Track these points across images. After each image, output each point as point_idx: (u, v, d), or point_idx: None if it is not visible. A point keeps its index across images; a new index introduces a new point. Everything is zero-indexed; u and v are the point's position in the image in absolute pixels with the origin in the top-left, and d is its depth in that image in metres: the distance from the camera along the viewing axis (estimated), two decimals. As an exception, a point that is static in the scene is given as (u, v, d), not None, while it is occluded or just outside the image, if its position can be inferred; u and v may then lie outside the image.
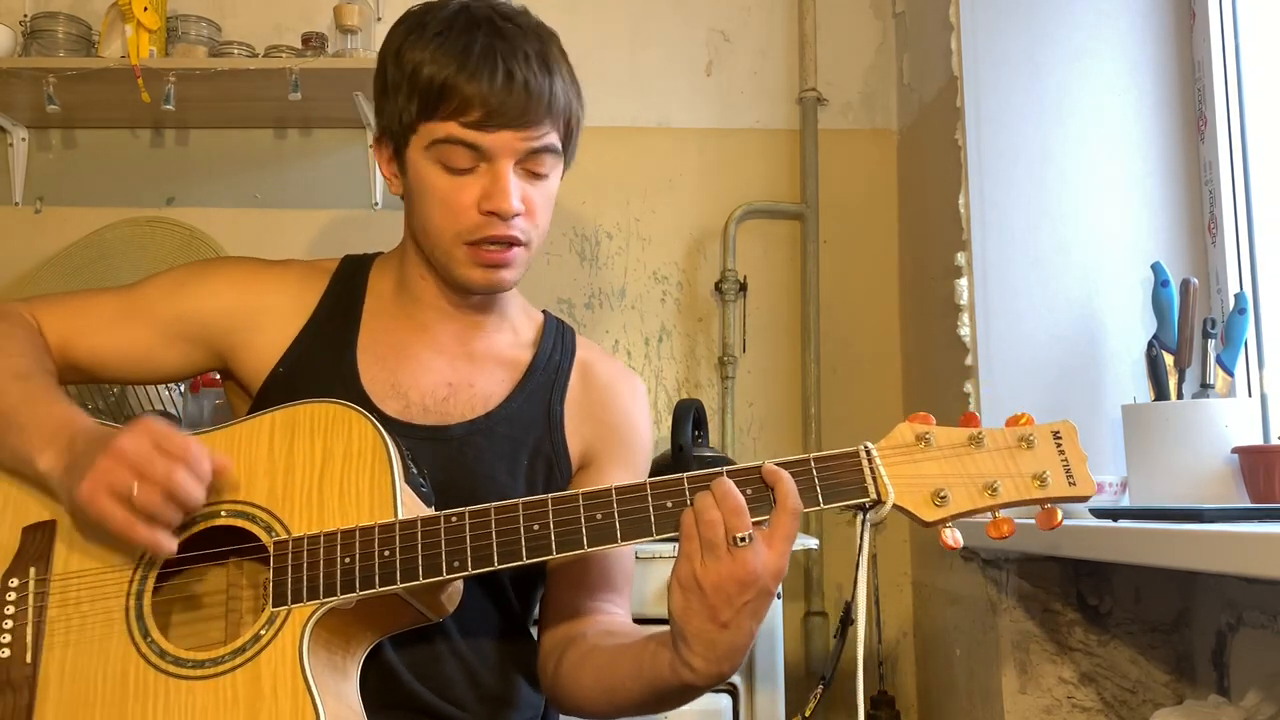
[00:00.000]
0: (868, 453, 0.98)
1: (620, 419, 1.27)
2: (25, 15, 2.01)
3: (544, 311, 1.32)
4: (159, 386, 1.88)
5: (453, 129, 1.10)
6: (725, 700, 1.67)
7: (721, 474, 0.96)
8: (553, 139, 1.14)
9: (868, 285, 2.18)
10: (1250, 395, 1.61)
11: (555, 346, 1.27)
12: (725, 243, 2.15)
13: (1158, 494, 1.50)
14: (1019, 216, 1.75)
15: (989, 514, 0.97)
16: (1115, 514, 1.42)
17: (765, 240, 2.19)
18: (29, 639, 0.99)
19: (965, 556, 1.74)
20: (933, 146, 1.96)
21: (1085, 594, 1.61)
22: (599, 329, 2.16)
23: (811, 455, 0.98)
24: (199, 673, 0.96)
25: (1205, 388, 1.53)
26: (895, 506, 0.96)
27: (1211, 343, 1.54)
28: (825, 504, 0.97)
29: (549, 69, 1.13)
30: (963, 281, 1.76)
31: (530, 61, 1.11)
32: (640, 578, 1.61)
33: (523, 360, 1.25)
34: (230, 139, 2.18)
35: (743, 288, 2.15)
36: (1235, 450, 1.46)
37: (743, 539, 0.92)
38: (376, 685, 1.09)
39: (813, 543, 1.75)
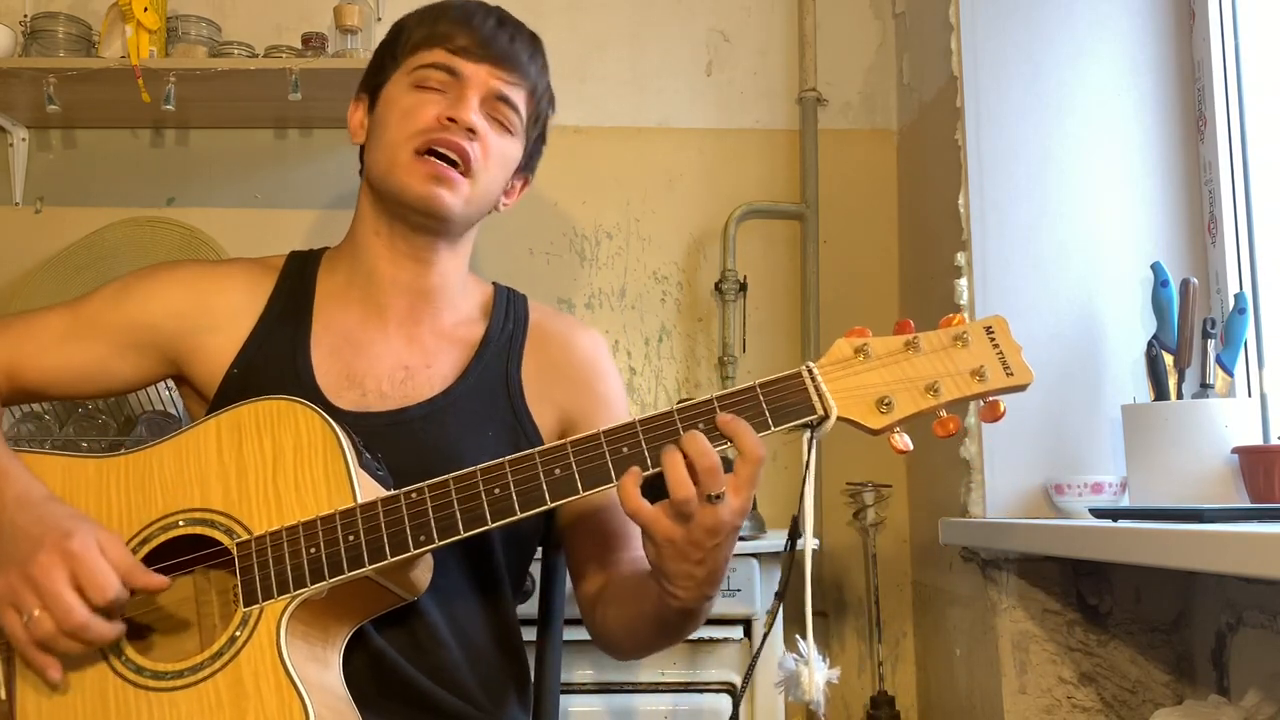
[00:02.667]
0: (810, 372, 1.00)
1: (588, 373, 1.28)
2: (25, 15, 2.00)
3: (494, 283, 1.33)
4: (159, 387, 1.88)
5: (438, 55, 1.19)
6: (725, 700, 1.67)
7: (673, 414, 0.99)
8: (520, 97, 1.22)
9: (868, 285, 2.18)
10: (1250, 395, 1.61)
11: (507, 316, 1.28)
12: (725, 243, 2.15)
13: (1158, 494, 1.50)
14: (1019, 216, 1.75)
15: (935, 414, 1.00)
16: (1115, 514, 1.42)
17: (765, 240, 2.19)
18: (1, 676, 0.99)
19: (965, 557, 1.74)
20: (933, 146, 1.96)
21: (1085, 594, 1.61)
22: (599, 329, 2.15)
23: (756, 382, 1.00)
24: (179, 683, 0.96)
25: (1205, 388, 1.53)
26: (840, 419, 0.99)
27: (1211, 343, 1.54)
28: (775, 426, 0.99)
29: (532, 44, 1.24)
30: (963, 281, 1.76)
31: (522, 32, 1.23)
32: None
33: (475, 335, 1.26)
34: (230, 139, 2.18)
35: (743, 288, 2.15)
36: (1235, 450, 1.46)
37: (717, 497, 0.95)
38: (369, 676, 1.09)
39: (813, 543, 1.75)
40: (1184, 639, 1.61)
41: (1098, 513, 1.46)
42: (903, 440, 1.00)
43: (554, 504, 0.98)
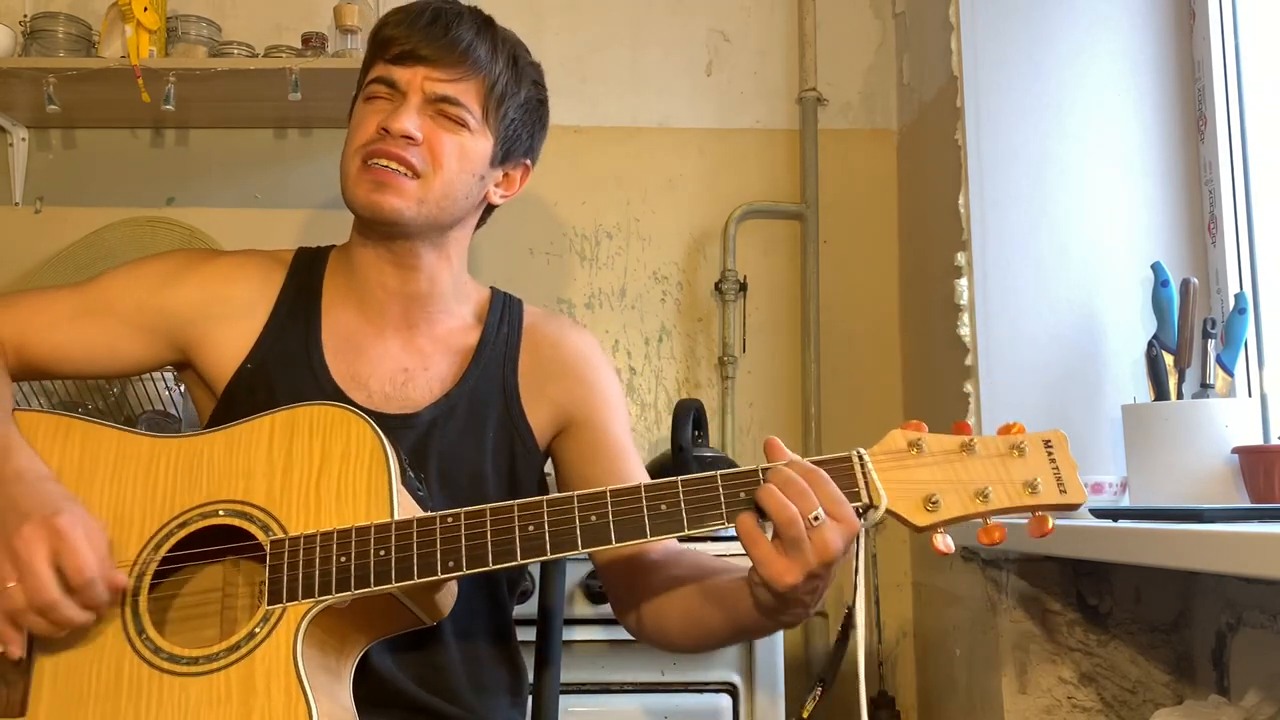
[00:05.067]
0: (860, 458, 0.98)
1: (583, 368, 1.28)
2: (25, 15, 2.00)
3: (492, 288, 1.33)
4: (159, 386, 1.88)
5: (380, 68, 1.21)
6: (725, 700, 1.67)
7: (715, 477, 0.97)
8: (465, 91, 1.19)
9: (868, 285, 2.18)
10: (1250, 395, 1.61)
11: (502, 320, 1.29)
12: (725, 243, 2.15)
13: (1158, 494, 1.50)
14: (1019, 216, 1.76)
15: (980, 520, 0.98)
16: (1115, 514, 1.42)
17: (765, 240, 2.19)
18: (24, 637, 0.99)
19: (965, 556, 1.74)
20: (933, 146, 1.96)
21: (1085, 594, 1.61)
22: (599, 329, 2.16)
23: (805, 460, 0.98)
24: (193, 669, 0.97)
25: (1205, 388, 1.53)
26: (888, 512, 0.97)
27: (1211, 343, 1.54)
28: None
29: (479, 31, 1.21)
30: (963, 281, 1.76)
31: (464, 19, 1.20)
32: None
33: (470, 341, 1.26)
34: (230, 139, 2.18)
35: (743, 288, 2.15)
36: (1235, 450, 1.46)
37: (817, 518, 0.93)
38: (370, 683, 1.10)
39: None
40: (1184, 639, 1.61)
41: (1098, 513, 1.46)
42: (945, 542, 0.97)
43: (585, 550, 0.98)
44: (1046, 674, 1.60)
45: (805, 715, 1.04)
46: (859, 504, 0.97)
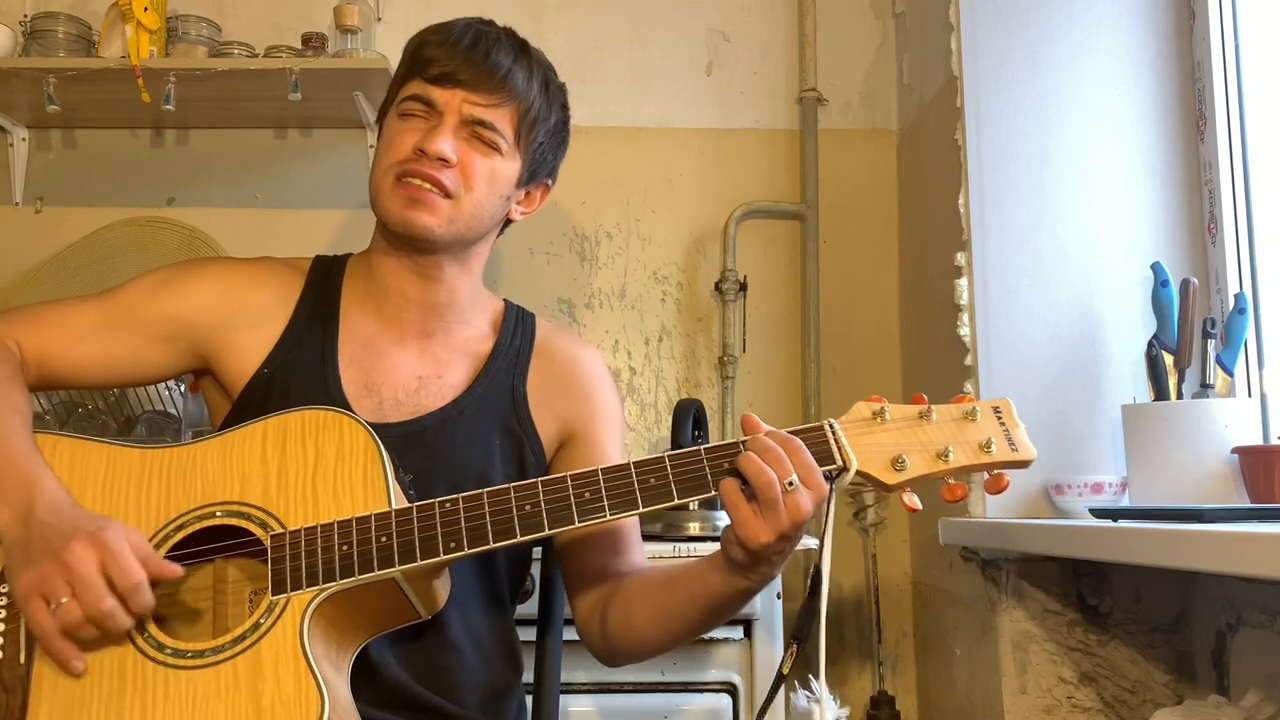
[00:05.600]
0: (831, 426, 1.07)
1: (588, 385, 1.32)
2: (25, 15, 2.00)
3: (505, 300, 1.36)
4: (159, 386, 1.88)
5: (417, 85, 1.21)
6: (725, 700, 1.67)
7: (700, 451, 1.04)
8: (501, 116, 1.21)
9: (868, 285, 2.18)
10: (1250, 395, 1.61)
11: (515, 332, 1.32)
12: (725, 243, 2.15)
13: (1158, 494, 1.50)
14: (1019, 216, 1.76)
15: (943, 479, 1.05)
16: (1115, 514, 1.42)
17: (765, 240, 2.19)
18: (22, 640, 1.00)
19: (965, 557, 1.74)
20: (933, 146, 1.96)
21: (1085, 594, 1.62)
22: (599, 329, 2.16)
23: (781, 430, 1.05)
24: (199, 662, 0.97)
25: (1205, 388, 1.53)
26: (859, 472, 1.04)
27: (1211, 343, 1.54)
28: (796, 474, 1.03)
29: (517, 56, 1.22)
30: (963, 281, 1.76)
31: (502, 44, 1.22)
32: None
33: (484, 349, 1.29)
34: (230, 139, 2.18)
35: (743, 288, 2.15)
36: (1235, 450, 1.46)
37: (791, 483, 1.00)
38: (375, 683, 1.11)
39: (813, 543, 1.75)
40: (1184, 639, 1.61)
41: (1098, 513, 1.46)
42: (912, 499, 1.05)
43: (581, 524, 1.02)
44: (1046, 674, 1.60)
45: (785, 671, 1.09)
46: (833, 467, 1.04)
